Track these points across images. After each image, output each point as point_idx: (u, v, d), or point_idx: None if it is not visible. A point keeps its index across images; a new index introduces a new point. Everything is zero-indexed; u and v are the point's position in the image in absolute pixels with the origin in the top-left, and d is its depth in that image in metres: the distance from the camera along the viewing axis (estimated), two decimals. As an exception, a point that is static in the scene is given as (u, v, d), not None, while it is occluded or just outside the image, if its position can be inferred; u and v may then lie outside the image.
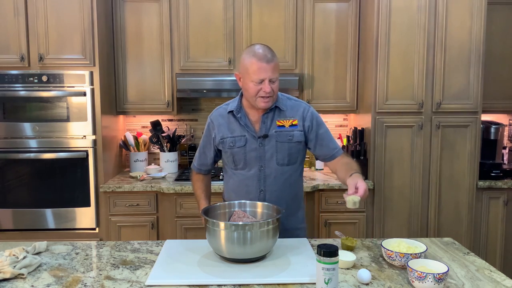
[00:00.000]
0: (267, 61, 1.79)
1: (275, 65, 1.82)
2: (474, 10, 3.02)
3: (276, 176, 1.91)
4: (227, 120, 1.94)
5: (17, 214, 3.03)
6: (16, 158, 3.01)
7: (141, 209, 3.07)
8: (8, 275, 1.48)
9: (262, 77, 1.79)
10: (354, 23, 3.32)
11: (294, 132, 1.91)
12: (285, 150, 1.90)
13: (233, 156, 1.92)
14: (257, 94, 1.82)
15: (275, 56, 1.84)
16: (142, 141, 3.53)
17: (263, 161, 1.90)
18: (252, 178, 1.92)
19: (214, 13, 3.27)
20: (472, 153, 3.12)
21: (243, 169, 1.93)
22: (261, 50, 1.81)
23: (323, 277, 1.32)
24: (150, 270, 1.56)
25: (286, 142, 1.90)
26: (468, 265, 1.61)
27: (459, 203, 3.14)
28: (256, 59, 1.79)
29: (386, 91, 3.06)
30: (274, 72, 1.81)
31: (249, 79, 1.81)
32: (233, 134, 1.92)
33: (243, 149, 1.90)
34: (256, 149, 1.90)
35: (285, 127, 1.91)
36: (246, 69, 1.82)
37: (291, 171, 1.94)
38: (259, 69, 1.78)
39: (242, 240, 1.54)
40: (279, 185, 1.92)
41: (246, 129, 1.90)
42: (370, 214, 3.13)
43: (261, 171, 1.91)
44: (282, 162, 1.91)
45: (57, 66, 3.00)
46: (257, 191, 1.91)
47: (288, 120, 1.92)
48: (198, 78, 3.25)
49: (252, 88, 1.81)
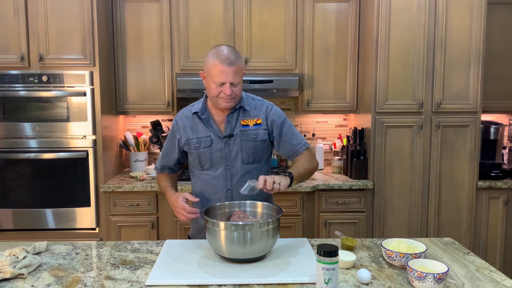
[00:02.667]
0: (229, 64, 1.77)
1: (238, 68, 1.80)
2: (474, 10, 3.02)
3: (242, 175, 1.91)
4: (192, 121, 1.95)
5: (17, 214, 3.04)
6: (16, 158, 3.01)
7: (141, 209, 3.07)
8: (8, 275, 1.48)
9: (223, 80, 1.78)
10: (354, 23, 3.32)
11: (259, 131, 1.92)
12: (249, 148, 1.91)
13: (199, 156, 1.93)
14: (218, 95, 1.82)
15: (239, 59, 1.81)
16: (142, 141, 3.53)
17: (228, 160, 1.91)
18: (219, 177, 1.92)
19: (214, 13, 3.27)
20: (472, 153, 3.12)
21: (209, 169, 1.93)
22: (225, 52, 1.79)
23: (323, 277, 1.32)
24: (150, 270, 1.56)
25: (251, 140, 1.91)
26: (468, 265, 1.61)
27: (459, 203, 3.14)
28: (219, 61, 1.78)
29: (386, 91, 3.06)
30: (236, 75, 1.79)
31: (211, 80, 1.81)
32: (198, 135, 1.92)
33: (208, 149, 1.91)
34: (222, 149, 1.91)
35: (249, 126, 1.92)
36: (208, 70, 1.82)
37: (257, 169, 1.94)
38: (220, 72, 1.77)
39: (242, 240, 1.54)
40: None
41: (211, 129, 1.91)
42: (370, 214, 3.13)
43: (227, 170, 1.92)
44: (247, 160, 1.92)
45: (57, 66, 3.00)
46: (224, 190, 1.92)
47: (253, 119, 1.93)
48: (198, 78, 3.24)
49: (213, 89, 1.82)
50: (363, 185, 3.08)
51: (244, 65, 1.88)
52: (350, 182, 3.10)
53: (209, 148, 1.91)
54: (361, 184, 3.08)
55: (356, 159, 3.17)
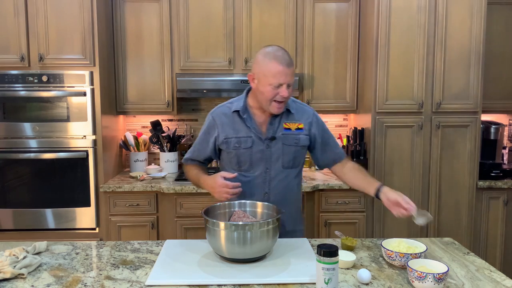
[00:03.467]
0: (287, 65, 1.74)
1: (293, 69, 1.79)
2: (474, 10, 3.02)
3: (280, 179, 1.90)
4: (232, 119, 1.89)
5: (17, 214, 3.04)
6: (16, 158, 3.01)
7: (141, 209, 3.07)
8: (8, 275, 1.47)
9: (282, 81, 1.74)
10: (354, 23, 3.32)
11: (300, 136, 1.90)
12: (291, 153, 1.89)
13: (238, 157, 1.88)
14: (273, 98, 1.77)
15: (292, 60, 1.80)
16: (142, 141, 3.53)
17: (269, 163, 1.88)
18: (257, 180, 1.89)
19: (214, 13, 3.27)
20: (472, 153, 3.12)
21: (247, 170, 1.90)
22: (281, 53, 1.76)
23: (323, 277, 1.32)
24: (150, 270, 1.56)
25: (293, 145, 1.88)
26: (468, 265, 1.61)
27: (459, 203, 3.14)
28: (278, 62, 1.73)
29: (386, 91, 3.06)
30: (292, 76, 1.78)
31: (267, 82, 1.75)
32: (238, 134, 1.87)
33: (249, 150, 1.87)
34: (263, 151, 1.87)
35: (291, 130, 1.89)
36: (264, 72, 1.76)
37: (294, 174, 1.94)
38: (279, 72, 1.73)
39: (242, 240, 1.54)
40: (283, 188, 1.91)
41: (252, 130, 1.87)
42: (370, 214, 3.13)
43: (266, 173, 1.89)
44: (288, 165, 1.90)
45: (57, 66, 3.00)
46: (262, 193, 1.89)
47: (294, 123, 1.90)
48: (198, 78, 3.25)
49: (269, 91, 1.76)
50: (363, 185, 3.07)
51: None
52: (350, 182, 3.09)
53: (249, 149, 1.87)
54: (361, 184, 3.07)
55: (356, 159, 3.17)
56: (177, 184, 3.05)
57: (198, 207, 2.95)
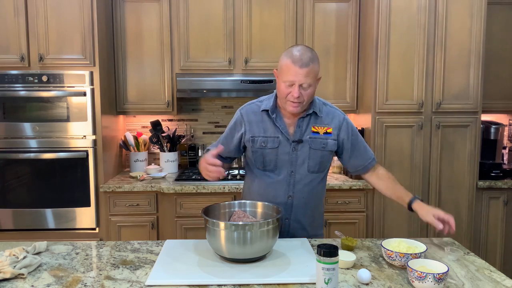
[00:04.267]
0: (300, 65, 1.70)
1: (310, 70, 1.72)
2: (474, 10, 3.02)
3: (305, 183, 1.88)
4: (260, 118, 1.87)
5: (17, 214, 3.03)
6: (16, 158, 3.01)
7: (141, 209, 3.07)
8: (8, 275, 1.47)
9: (291, 79, 1.72)
10: (354, 23, 3.32)
11: (328, 140, 1.87)
12: (317, 157, 1.86)
13: (263, 156, 1.86)
14: (286, 96, 1.76)
15: (313, 62, 1.73)
16: (142, 141, 3.53)
17: (294, 166, 1.86)
18: (282, 182, 1.87)
19: (214, 13, 3.27)
20: (472, 153, 3.12)
21: (272, 171, 1.88)
22: (299, 53, 1.73)
23: (323, 277, 1.32)
24: (150, 270, 1.56)
25: (320, 149, 1.86)
26: (468, 265, 1.61)
27: (459, 203, 3.14)
28: (291, 60, 1.72)
29: (386, 91, 3.06)
30: (307, 77, 1.72)
31: (282, 79, 1.76)
32: (266, 134, 1.85)
33: (275, 150, 1.85)
34: (289, 153, 1.85)
35: (319, 134, 1.86)
36: (281, 68, 1.77)
37: (319, 179, 1.91)
38: (290, 71, 1.72)
39: (242, 240, 1.54)
40: (307, 192, 1.89)
41: (280, 130, 1.84)
42: (370, 214, 3.13)
43: (291, 176, 1.87)
44: (313, 169, 1.88)
45: (57, 66, 3.00)
46: (286, 196, 1.88)
47: (323, 127, 1.87)
48: (198, 78, 3.25)
49: (282, 89, 1.76)
50: (363, 185, 3.07)
51: (318, 69, 1.77)
52: (350, 182, 3.10)
53: (275, 150, 1.85)
54: (361, 184, 3.08)
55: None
56: (177, 184, 3.05)
57: (198, 207, 2.95)
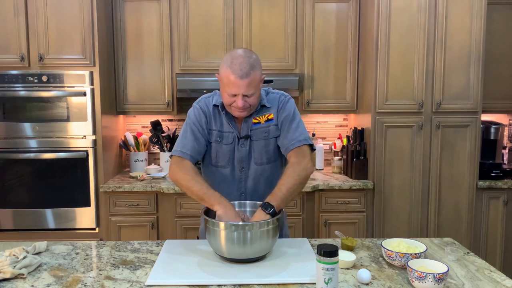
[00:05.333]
0: (241, 77, 1.62)
1: (252, 80, 1.64)
2: (474, 10, 3.02)
3: (255, 177, 1.83)
4: (214, 112, 1.81)
5: (17, 214, 3.03)
6: (16, 158, 3.01)
7: (141, 209, 3.07)
8: (8, 275, 1.47)
9: (234, 92, 1.66)
10: (354, 23, 3.32)
11: (270, 127, 1.80)
12: (261, 148, 1.80)
13: (217, 151, 1.81)
14: (231, 104, 1.70)
15: (253, 70, 1.65)
16: (142, 141, 3.53)
17: (243, 162, 1.82)
18: (233, 179, 1.84)
19: (214, 13, 3.27)
20: (472, 153, 3.12)
21: (224, 167, 1.83)
22: (239, 61, 1.63)
23: (323, 277, 1.32)
24: (150, 270, 1.56)
25: (262, 139, 1.79)
26: (468, 265, 1.61)
27: (459, 203, 3.14)
28: (231, 71, 1.63)
29: (386, 91, 3.06)
30: (249, 88, 1.65)
31: (223, 88, 1.69)
32: (222, 129, 1.80)
33: (229, 146, 1.80)
34: (239, 149, 1.81)
35: (261, 123, 1.79)
36: (221, 77, 1.69)
37: (272, 170, 1.84)
38: (231, 83, 1.64)
39: (242, 240, 1.53)
40: (260, 186, 1.84)
41: (232, 126, 1.79)
42: (370, 214, 3.13)
43: (242, 173, 1.83)
44: (261, 161, 1.82)
45: (57, 66, 3.00)
46: (239, 193, 1.85)
47: (264, 115, 1.79)
48: (198, 78, 3.25)
49: (226, 98, 1.70)
50: (363, 185, 3.08)
51: (260, 73, 1.69)
52: (350, 182, 3.09)
53: (230, 146, 1.80)
54: (361, 184, 3.08)
55: (356, 159, 3.17)
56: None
57: (198, 207, 2.95)
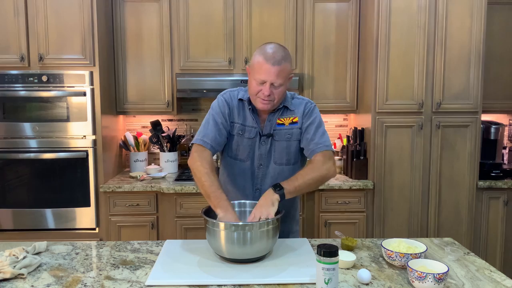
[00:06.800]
0: (273, 63, 1.68)
1: (282, 69, 1.70)
2: (474, 10, 3.02)
3: (273, 176, 1.86)
4: (238, 105, 1.85)
5: (17, 214, 3.03)
6: (16, 158, 3.01)
7: (141, 209, 3.07)
8: (8, 275, 1.47)
9: (263, 78, 1.70)
10: (354, 23, 3.32)
11: (293, 130, 1.84)
12: (282, 149, 1.85)
13: (238, 144, 1.84)
14: (257, 93, 1.75)
15: (285, 60, 1.71)
16: (142, 141, 3.53)
17: (263, 159, 1.86)
18: (251, 174, 1.87)
19: (214, 13, 3.27)
20: (472, 153, 3.12)
21: (243, 161, 1.86)
22: (272, 50, 1.71)
23: (323, 277, 1.32)
24: (150, 270, 1.56)
25: (284, 140, 1.84)
26: (468, 265, 1.61)
27: (459, 203, 3.14)
28: (263, 57, 1.70)
29: (386, 91, 3.06)
30: (278, 76, 1.70)
31: (253, 76, 1.74)
32: (244, 122, 1.83)
33: (250, 141, 1.83)
34: (260, 146, 1.85)
35: (285, 125, 1.84)
36: (253, 65, 1.75)
37: (290, 172, 1.86)
38: (262, 69, 1.70)
39: (242, 240, 1.54)
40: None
41: (256, 122, 1.83)
42: (370, 214, 3.13)
43: (260, 170, 1.87)
44: (280, 161, 1.86)
45: (57, 66, 3.00)
46: (253, 189, 1.88)
47: (289, 117, 1.84)
48: (198, 78, 3.25)
49: (253, 86, 1.75)
50: (363, 185, 3.07)
51: (290, 67, 1.74)
52: (350, 182, 3.09)
53: (251, 140, 1.83)
54: (361, 184, 3.08)
55: (356, 159, 3.17)
56: (177, 184, 3.05)
57: (198, 207, 2.95)
